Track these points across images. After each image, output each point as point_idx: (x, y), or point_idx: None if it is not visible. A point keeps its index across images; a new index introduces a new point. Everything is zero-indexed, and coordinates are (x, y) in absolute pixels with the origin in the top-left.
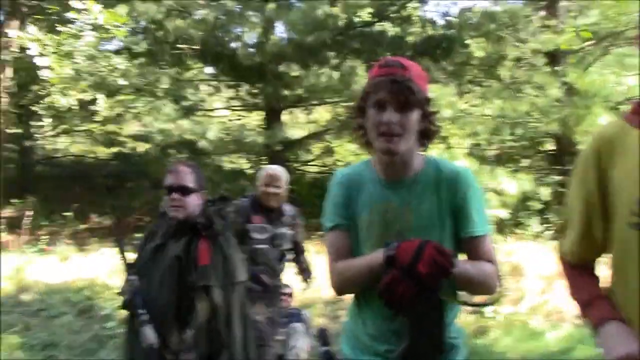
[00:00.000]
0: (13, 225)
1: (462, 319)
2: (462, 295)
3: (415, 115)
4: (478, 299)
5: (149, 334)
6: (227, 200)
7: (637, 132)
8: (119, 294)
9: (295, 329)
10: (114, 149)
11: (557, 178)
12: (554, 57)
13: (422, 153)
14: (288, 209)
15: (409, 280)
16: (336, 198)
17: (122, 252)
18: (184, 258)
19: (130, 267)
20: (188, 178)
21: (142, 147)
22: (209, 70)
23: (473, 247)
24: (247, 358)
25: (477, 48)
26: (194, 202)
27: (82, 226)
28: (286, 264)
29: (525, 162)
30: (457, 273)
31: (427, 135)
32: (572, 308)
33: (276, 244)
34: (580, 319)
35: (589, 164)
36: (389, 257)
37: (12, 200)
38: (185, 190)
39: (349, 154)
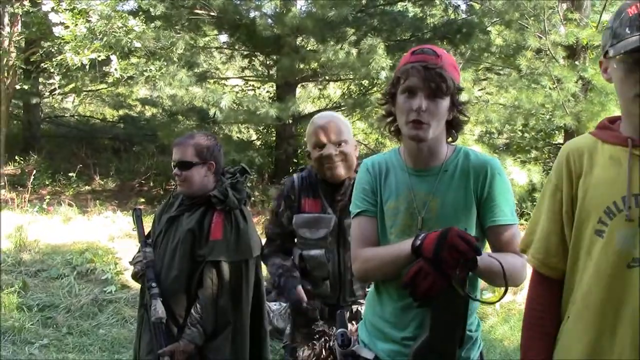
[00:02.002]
0: (16, 183)
1: None
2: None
3: (445, 104)
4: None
5: (159, 308)
6: (245, 173)
7: (605, 146)
8: (130, 262)
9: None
10: (122, 112)
11: None
12: (574, 51)
13: (452, 143)
14: None
15: (436, 273)
16: (363, 185)
17: (138, 222)
18: (197, 231)
19: (146, 238)
20: (189, 152)
21: (150, 111)
22: (224, 38)
23: (499, 237)
24: (257, 334)
25: (498, 36)
26: (197, 175)
27: (86, 188)
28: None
29: (534, 154)
30: (482, 263)
31: (456, 125)
32: None
33: (345, 243)
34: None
35: (560, 172)
36: (416, 248)
37: (16, 158)
38: (185, 165)
39: (359, 132)
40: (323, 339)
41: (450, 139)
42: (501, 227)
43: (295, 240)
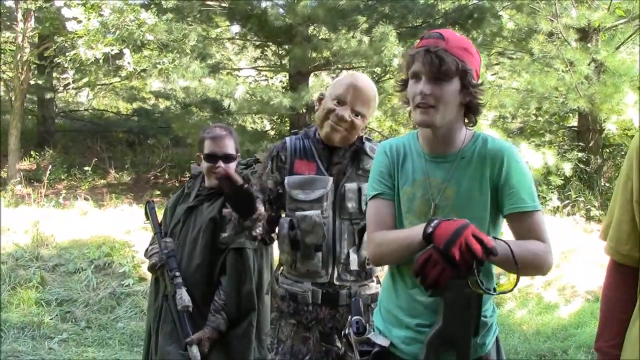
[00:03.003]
0: (31, 178)
1: None
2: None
3: (452, 87)
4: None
5: (185, 296)
6: (258, 162)
7: None
8: (145, 255)
9: None
10: (136, 105)
11: (579, 155)
12: (586, 34)
13: (471, 129)
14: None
15: (445, 263)
16: (380, 167)
17: (152, 214)
18: (219, 220)
19: (161, 230)
20: (230, 145)
21: (163, 104)
22: (236, 29)
23: (520, 223)
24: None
25: (509, 20)
26: (234, 167)
27: (101, 181)
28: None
29: (548, 137)
30: (499, 258)
31: (472, 108)
32: (585, 284)
33: (342, 210)
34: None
35: (631, 162)
36: (427, 235)
37: (32, 153)
38: (229, 158)
39: (373, 119)
40: (317, 330)
41: (470, 124)
42: (521, 214)
43: (286, 207)
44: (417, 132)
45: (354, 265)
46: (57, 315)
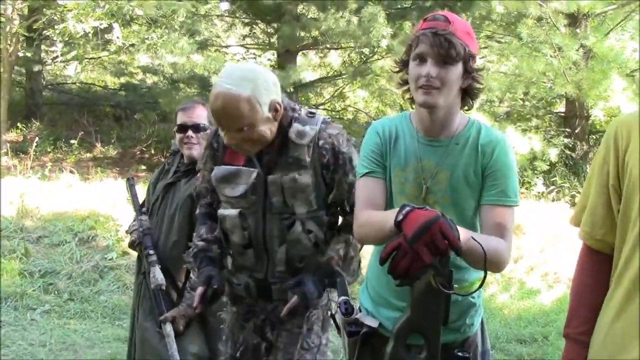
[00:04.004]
0: (18, 150)
1: None
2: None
3: (456, 71)
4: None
5: (158, 275)
6: None
7: None
8: (127, 232)
9: None
10: (123, 79)
11: (565, 140)
12: (575, 19)
13: (466, 115)
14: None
15: (413, 253)
16: (371, 146)
17: (132, 191)
18: (195, 196)
19: (140, 207)
20: (201, 115)
21: (151, 79)
22: (225, 6)
23: (488, 217)
24: None
25: (499, 3)
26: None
27: (87, 155)
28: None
29: (534, 122)
30: (468, 255)
31: (471, 92)
32: (568, 270)
33: (270, 205)
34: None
35: (608, 146)
36: (397, 222)
37: (18, 125)
38: (198, 128)
39: (360, 99)
40: (252, 322)
41: (466, 108)
42: (491, 207)
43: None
44: (410, 114)
45: (280, 265)
46: (40, 286)
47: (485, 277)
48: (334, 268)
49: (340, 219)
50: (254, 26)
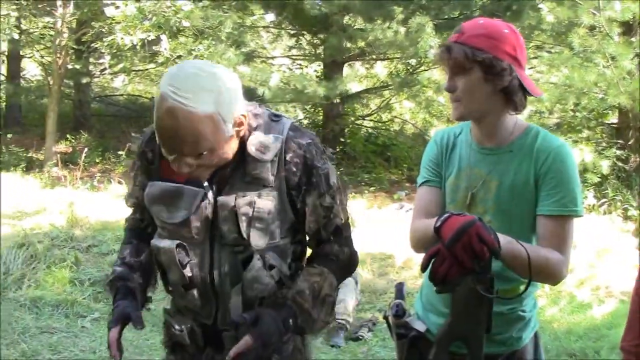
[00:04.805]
0: (67, 161)
1: None
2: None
3: (471, 77)
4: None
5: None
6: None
7: None
8: None
9: (346, 282)
10: None
11: (618, 152)
12: (630, 27)
13: (525, 122)
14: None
15: (452, 258)
16: (429, 155)
17: None
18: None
19: None
20: None
21: None
22: (271, 17)
23: (543, 228)
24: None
25: (549, 12)
26: None
27: None
28: None
29: (585, 133)
30: (506, 250)
31: (509, 93)
32: (619, 284)
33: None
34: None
35: None
36: (435, 229)
37: (67, 136)
38: None
39: (406, 111)
40: None
41: (514, 110)
42: (549, 217)
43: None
44: (472, 123)
45: (235, 312)
46: (89, 294)
47: (529, 283)
48: (303, 305)
49: (309, 250)
50: (300, 37)
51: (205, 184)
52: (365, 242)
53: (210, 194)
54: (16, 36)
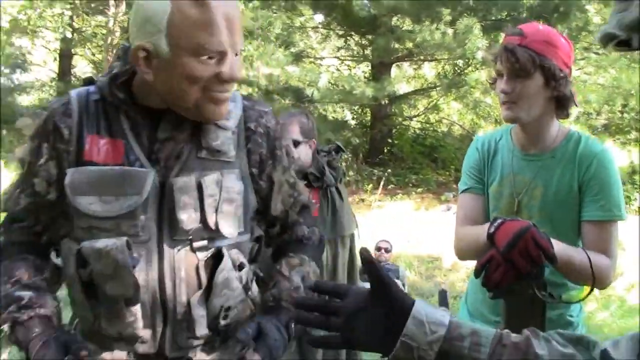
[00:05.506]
0: None
1: None
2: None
3: (532, 83)
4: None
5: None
6: (341, 151)
7: None
8: None
9: None
10: None
11: None
12: None
13: (566, 127)
14: None
15: (507, 265)
16: (470, 162)
17: None
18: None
19: None
20: (294, 130)
21: (245, 90)
22: (320, 18)
23: (588, 233)
24: None
25: (596, 14)
26: (303, 153)
27: None
28: None
29: (634, 135)
30: (561, 256)
31: (562, 100)
32: None
33: (173, 227)
34: None
35: None
36: (489, 235)
37: None
38: (293, 143)
39: (454, 112)
40: None
41: (562, 116)
42: (594, 222)
43: (74, 224)
44: (511, 128)
45: (200, 327)
46: None
47: (592, 288)
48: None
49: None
50: (349, 38)
51: (147, 164)
52: (412, 243)
53: (153, 175)
54: (69, 35)
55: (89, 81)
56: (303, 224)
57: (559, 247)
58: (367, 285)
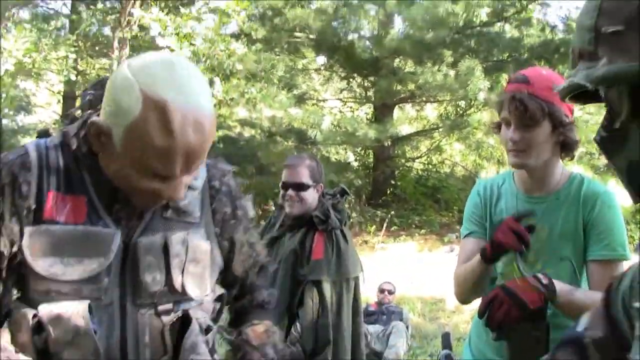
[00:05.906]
0: None
1: None
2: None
3: (541, 131)
4: None
5: (219, 351)
6: (345, 194)
7: None
8: None
9: (397, 327)
10: (221, 133)
11: None
12: None
13: (568, 169)
14: None
15: (510, 302)
16: (471, 207)
17: None
18: (299, 251)
19: None
20: (304, 174)
21: (248, 132)
22: (322, 60)
23: (594, 273)
24: (354, 356)
25: None
26: (311, 197)
27: None
28: None
29: None
30: (562, 297)
31: (567, 144)
32: None
33: (137, 290)
34: None
35: None
36: (482, 252)
37: None
38: (301, 187)
39: (457, 153)
40: None
41: (566, 159)
42: (599, 262)
43: (29, 286)
44: (513, 172)
45: None
46: None
47: None
48: None
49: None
50: (351, 80)
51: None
52: (416, 285)
53: (118, 240)
54: (73, 77)
55: (44, 133)
56: (262, 287)
57: (564, 288)
58: (371, 328)
